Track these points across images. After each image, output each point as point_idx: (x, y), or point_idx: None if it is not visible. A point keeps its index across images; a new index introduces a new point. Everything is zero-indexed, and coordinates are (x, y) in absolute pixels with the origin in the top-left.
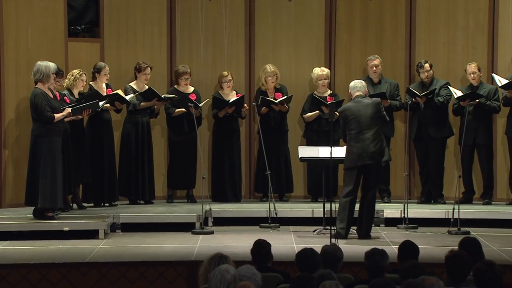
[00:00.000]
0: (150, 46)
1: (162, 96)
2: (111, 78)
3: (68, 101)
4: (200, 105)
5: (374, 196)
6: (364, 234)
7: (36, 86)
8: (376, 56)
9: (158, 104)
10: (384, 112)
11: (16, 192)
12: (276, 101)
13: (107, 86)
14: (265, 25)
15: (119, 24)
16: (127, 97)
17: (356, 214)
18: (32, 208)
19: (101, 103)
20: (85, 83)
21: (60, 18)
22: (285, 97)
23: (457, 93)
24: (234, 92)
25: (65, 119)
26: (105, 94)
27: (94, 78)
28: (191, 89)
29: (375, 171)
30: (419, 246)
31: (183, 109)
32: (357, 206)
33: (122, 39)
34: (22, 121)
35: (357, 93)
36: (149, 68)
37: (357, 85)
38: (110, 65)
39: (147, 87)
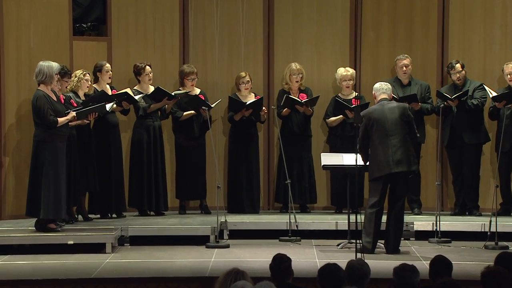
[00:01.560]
0: (161, 46)
1: (173, 93)
2: (118, 80)
3: (75, 104)
4: (212, 106)
5: (402, 207)
6: (392, 249)
7: (39, 88)
8: (406, 55)
9: (169, 103)
10: (414, 123)
11: (17, 202)
12: (302, 101)
13: (112, 87)
14: (285, 22)
15: (128, 22)
16: (136, 97)
17: (383, 227)
18: (34, 219)
19: (108, 105)
20: (90, 83)
21: (64, 15)
22: (312, 97)
23: (492, 93)
24: (253, 94)
25: (70, 124)
26: (115, 93)
27: (96, 80)
28: (197, 90)
29: (402, 180)
30: (453, 262)
31: (192, 112)
32: (384, 218)
33: (131, 37)
34: (23, 125)
35: (382, 96)
36: (147, 67)
37: (383, 87)
38: (118, 66)
39: (152, 88)
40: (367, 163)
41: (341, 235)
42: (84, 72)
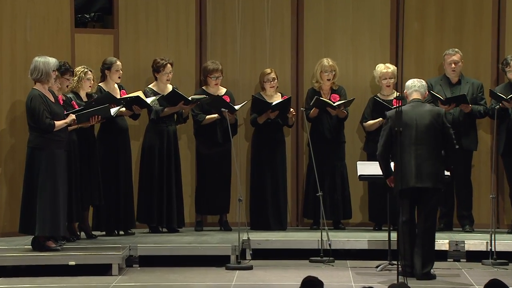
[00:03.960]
0: (174, 39)
1: (189, 98)
2: (126, 78)
3: (76, 106)
4: (236, 108)
5: (433, 225)
6: (420, 274)
7: (34, 87)
8: (456, 50)
9: (185, 108)
10: (452, 134)
11: (12, 218)
12: (334, 104)
13: (120, 87)
14: (316, 13)
15: (137, 12)
16: (149, 100)
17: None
18: (31, 237)
19: (113, 110)
20: (92, 81)
21: (65, 5)
22: (345, 100)
23: None
24: (279, 94)
25: (69, 128)
26: (118, 96)
27: (104, 78)
28: (223, 90)
29: (429, 197)
30: None
31: (215, 115)
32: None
33: (140, 30)
34: (18, 129)
35: (414, 96)
36: (169, 65)
37: (415, 85)
38: (126, 62)
39: (170, 88)
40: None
41: (381, 255)
42: (85, 70)
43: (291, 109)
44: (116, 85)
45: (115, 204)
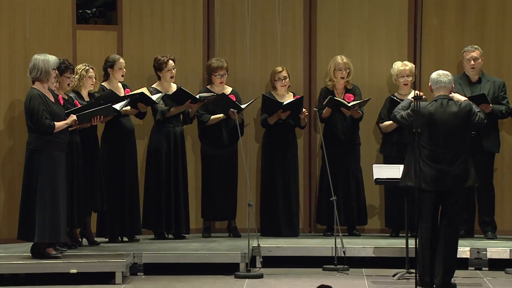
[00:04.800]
0: (181, 35)
1: (197, 96)
2: (131, 77)
3: (79, 105)
4: (243, 107)
5: (456, 232)
6: (441, 284)
7: (33, 86)
8: (475, 46)
9: (193, 107)
10: (480, 115)
11: (10, 223)
12: (348, 104)
13: (124, 86)
14: (330, 8)
15: (142, 7)
16: (154, 97)
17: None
18: (30, 244)
19: (118, 106)
20: (94, 79)
21: (66, 0)
22: (360, 100)
23: None
24: (291, 93)
25: (70, 129)
26: (122, 94)
27: (107, 77)
28: (229, 89)
29: (456, 199)
30: None
31: (220, 115)
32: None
33: (145, 26)
34: (17, 130)
35: (441, 92)
36: (171, 61)
37: (441, 80)
38: (130, 60)
39: (175, 86)
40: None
41: (398, 263)
42: (87, 67)
43: (304, 109)
44: (120, 84)
45: (119, 209)
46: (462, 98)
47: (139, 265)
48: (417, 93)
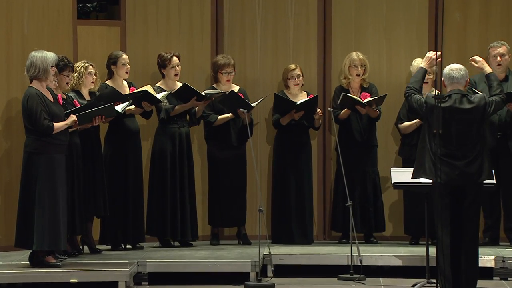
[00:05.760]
0: (188, 31)
1: (203, 93)
2: (135, 75)
3: (78, 105)
4: (253, 105)
5: (474, 239)
6: None
7: (31, 85)
8: (502, 42)
9: (199, 105)
10: (495, 99)
11: (7, 230)
12: (363, 102)
13: (130, 84)
14: (345, 2)
15: (146, 1)
16: (159, 96)
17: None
18: (27, 252)
19: (120, 106)
20: (94, 76)
21: None
22: (376, 97)
23: None
24: (305, 92)
25: (70, 130)
26: (127, 93)
27: (110, 75)
28: (236, 88)
29: (471, 201)
30: None
31: (228, 115)
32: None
33: (150, 21)
34: (14, 132)
35: (454, 86)
36: (175, 58)
37: (453, 74)
38: (134, 57)
39: (180, 85)
40: None
41: (418, 272)
42: (86, 64)
43: (318, 109)
44: (125, 82)
45: (122, 215)
46: (487, 68)
47: (144, 274)
48: (438, 92)
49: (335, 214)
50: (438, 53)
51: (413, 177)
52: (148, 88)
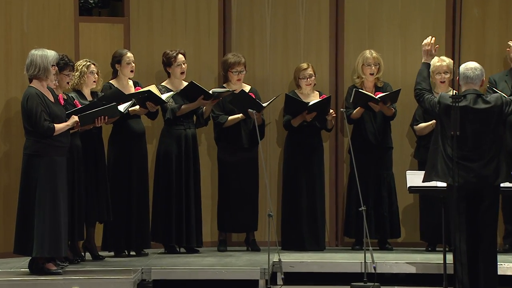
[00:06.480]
0: (194, 28)
1: (210, 91)
2: (139, 73)
3: (79, 105)
4: (264, 105)
5: (492, 246)
6: None
7: (31, 84)
8: None
9: (206, 104)
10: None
11: (6, 236)
12: (376, 98)
13: (136, 84)
14: None
15: None
16: (164, 96)
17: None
18: (27, 258)
19: (123, 106)
20: (97, 75)
21: None
22: (389, 92)
23: None
24: (317, 92)
25: (71, 131)
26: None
27: (115, 74)
28: (247, 87)
29: (489, 205)
30: None
31: (239, 115)
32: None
33: (155, 17)
34: (13, 133)
35: (469, 85)
36: (180, 55)
37: (467, 74)
38: (138, 55)
39: (185, 83)
40: None
41: (434, 280)
42: (88, 63)
43: (331, 110)
44: (130, 82)
45: (126, 220)
46: None
47: (148, 282)
48: (456, 92)
49: (348, 219)
50: (433, 39)
51: (424, 180)
52: (153, 88)
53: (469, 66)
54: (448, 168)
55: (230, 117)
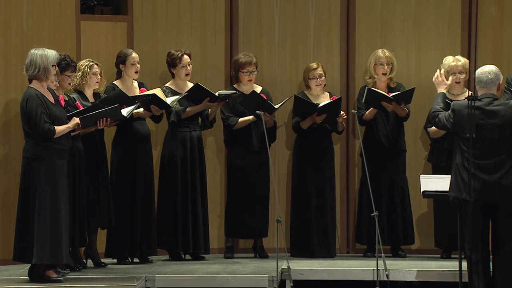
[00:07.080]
0: (200, 27)
1: (216, 93)
2: (143, 74)
3: (80, 107)
4: (276, 107)
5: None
6: None
7: (30, 85)
8: None
9: (212, 106)
10: None
11: (5, 243)
12: (390, 96)
13: (141, 85)
14: None
15: None
16: (169, 100)
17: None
18: (27, 266)
19: (126, 110)
20: (99, 76)
21: None
22: (404, 90)
23: None
24: (327, 93)
25: (72, 134)
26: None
27: (119, 75)
28: (259, 88)
29: (508, 215)
30: None
31: (249, 117)
32: None
33: (159, 16)
34: (13, 135)
35: (484, 90)
36: (186, 56)
37: (481, 78)
38: (142, 55)
39: (191, 85)
40: None
41: None
42: (90, 63)
43: (342, 112)
44: (135, 83)
45: (130, 226)
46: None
47: None
48: (472, 93)
49: (360, 225)
50: (442, 70)
51: (449, 194)
52: (158, 91)
53: (484, 69)
54: (463, 182)
55: (241, 119)
